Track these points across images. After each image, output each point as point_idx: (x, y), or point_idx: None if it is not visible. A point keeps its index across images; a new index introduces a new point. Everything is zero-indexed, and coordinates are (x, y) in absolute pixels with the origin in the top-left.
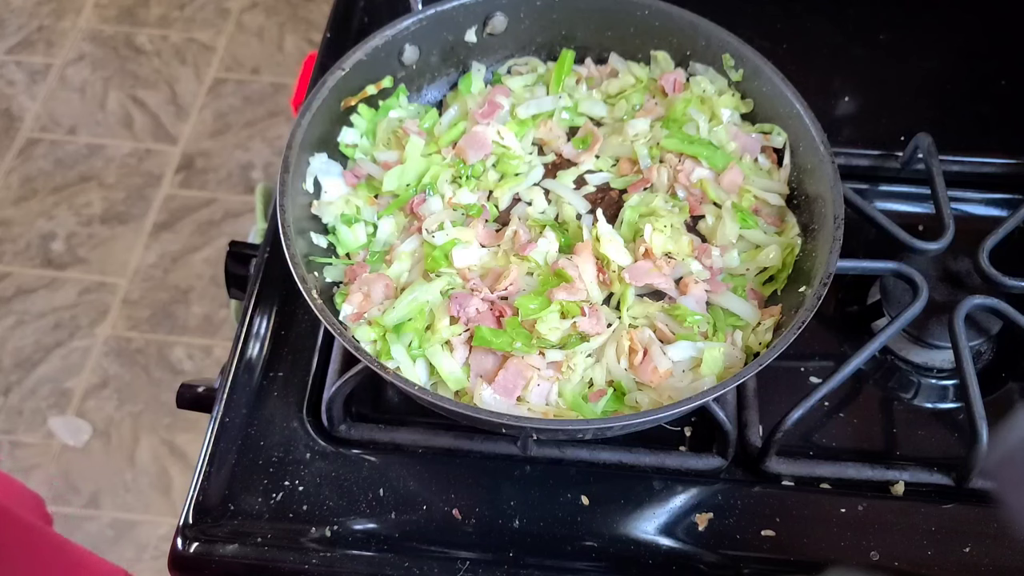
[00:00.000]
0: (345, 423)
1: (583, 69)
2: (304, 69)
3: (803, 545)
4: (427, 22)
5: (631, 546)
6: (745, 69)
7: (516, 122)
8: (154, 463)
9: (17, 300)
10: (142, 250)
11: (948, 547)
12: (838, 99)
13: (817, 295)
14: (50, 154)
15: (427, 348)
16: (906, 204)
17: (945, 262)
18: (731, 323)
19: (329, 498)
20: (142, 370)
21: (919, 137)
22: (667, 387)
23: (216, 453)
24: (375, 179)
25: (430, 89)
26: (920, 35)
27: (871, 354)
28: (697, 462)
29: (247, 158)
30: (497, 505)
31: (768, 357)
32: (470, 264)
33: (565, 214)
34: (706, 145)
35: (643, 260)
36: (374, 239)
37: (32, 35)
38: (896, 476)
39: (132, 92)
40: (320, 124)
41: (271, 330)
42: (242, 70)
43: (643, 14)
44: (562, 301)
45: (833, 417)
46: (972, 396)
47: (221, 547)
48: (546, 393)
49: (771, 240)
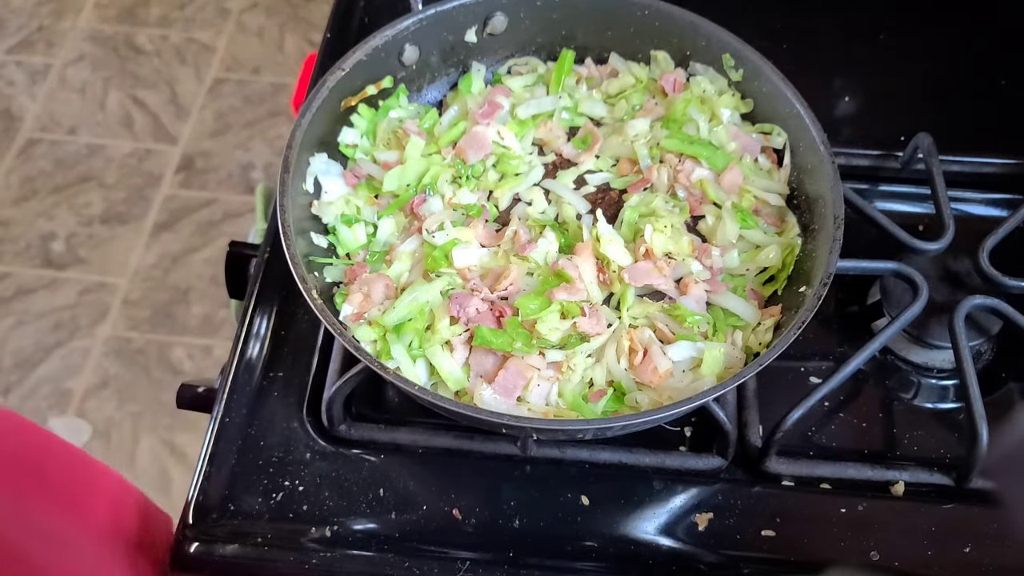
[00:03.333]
0: (345, 423)
1: (583, 69)
2: (304, 69)
3: (803, 545)
4: (427, 22)
5: (631, 546)
6: (745, 69)
7: (516, 122)
8: (154, 463)
9: (17, 300)
10: (142, 250)
11: (948, 547)
12: (838, 99)
13: (817, 295)
14: (50, 154)
15: (427, 348)
16: (906, 204)
17: (945, 262)
18: (731, 323)
19: (329, 498)
20: (142, 370)
21: (919, 137)
22: (667, 387)
23: (216, 453)
24: (375, 179)
25: (430, 89)
26: (920, 35)
27: (871, 354)
28: (697, 462)
29: (247, 158)
30: (497, 505)
31: (768, 357)
32: (470, 264)
33: (565, 214)
34: (706, 145)
35: (643, 260)
36: (374, 239)
37: (32, 35)
38: (896, 476)
39: (132, 92)
40: (320, 124)
41: (271, 330)
42: (242, 70)
43: (643, 14)
44: (562, 301)
45: (833, 417)
46: (972, 396)
47: (221, 547)
48: (546, 393)
49: (771, 240)
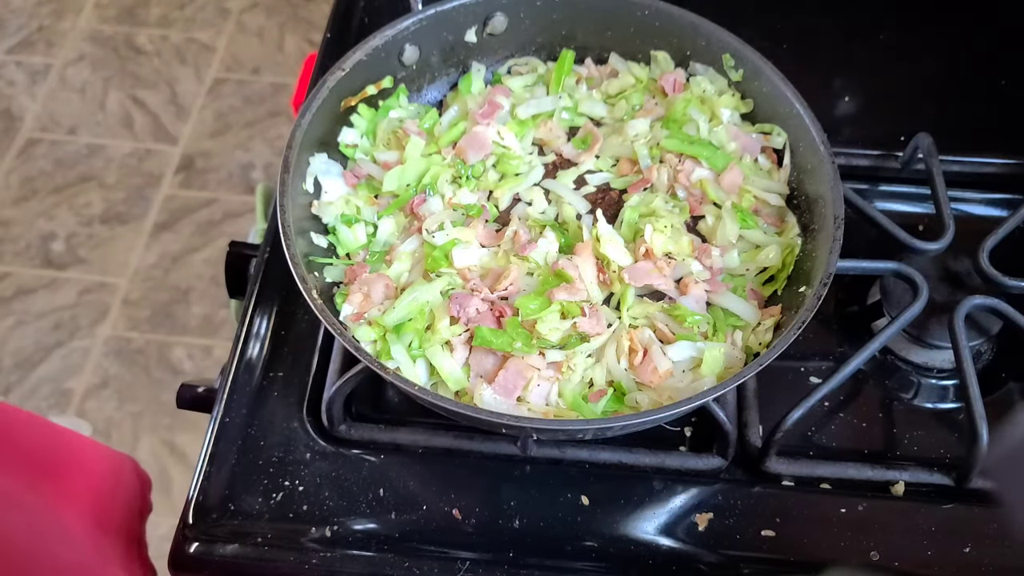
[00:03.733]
0: (345, 423)
1: (583, 69)
2: (304, 69)
3: (803, 545)
4: (427, 22)
5: (631, 546)
6: (745, 69)
7: (516, 122)
8: (154, 463)
9: (17, 300)
10: (142, 250)
11: (948, 547)
12: (838, 99)
13: (817, 295)
14: (50, 154)
15: (427, 348)
16: (906, 204)
17: (945, 262)
18: (731, 323)
19: (329, 498)
20: (142, 370)
21: (919, 137)
22: (667, 387)
23: (216, 453)
24: (375, 179)
25: (430, 89)
26: (920, 35)
27: (871, 354)
28: (697, 462)
29: (247, 158)
30: (497, 505)
31: (768, 357)
32: (470, 264)
33: (565, 214)
34: (706, 145)
35: (643, 260)
36: (374, 239)
37: (32, 35)
38: (896, 476)
39: (132, 92)
40: (320, 124)
41: (271, 330)
42: (242, 70)
43: (643, 14)
44: (562, 301)
45: (833, 417)
46: (972, 396)
47: (221, 547)
48: (546, 393)
49: (771, 240)
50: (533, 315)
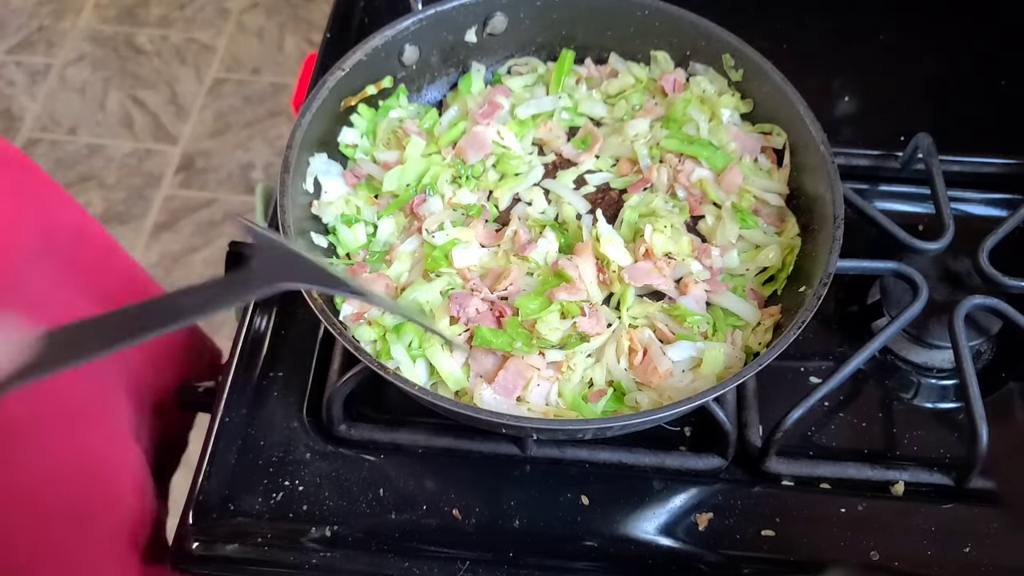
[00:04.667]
0: (345, 423)
1: (583, 69)
2: (304, 69)
3: (803, 545)
4: (427, 22)
5: (631, 546)
6: (745, 69)
7: (516, 122)
8: None
9: None
10: (142, 250)
11: (948, 547)
12: (838, 99)
13: (817, 295)
14: (50, 154)
15: (427, 348)
16: (906, 204)
17: (945, 262)
18: (731, 323)
19: (329, 498)
20: None
21: (919, 137)
22: (667, 387)
23: (216, 453)
24: (375, 179)
25: (430, 89)
26: (920, 35)
27: (871, 354)
28: (697, 462)
29: (247, 158)
30: (497, 505)
31: (768, 357)
32: (470, 264)
33: (565, 214)
34: (706, 145)
35: (643, 260)
36: (374, 239)
37: (32, 35)
38: (896, 476)
39: (132, 92)
40: (320, 124)
41: (271, 330)
42: (242, 70)
43: (643, 14)
44: (562, 301)
45: (833, 417)
46: (972, 396)
47: (221, 547)
48: (546, 393)
49: (771, 240)
50: (533, 315)
